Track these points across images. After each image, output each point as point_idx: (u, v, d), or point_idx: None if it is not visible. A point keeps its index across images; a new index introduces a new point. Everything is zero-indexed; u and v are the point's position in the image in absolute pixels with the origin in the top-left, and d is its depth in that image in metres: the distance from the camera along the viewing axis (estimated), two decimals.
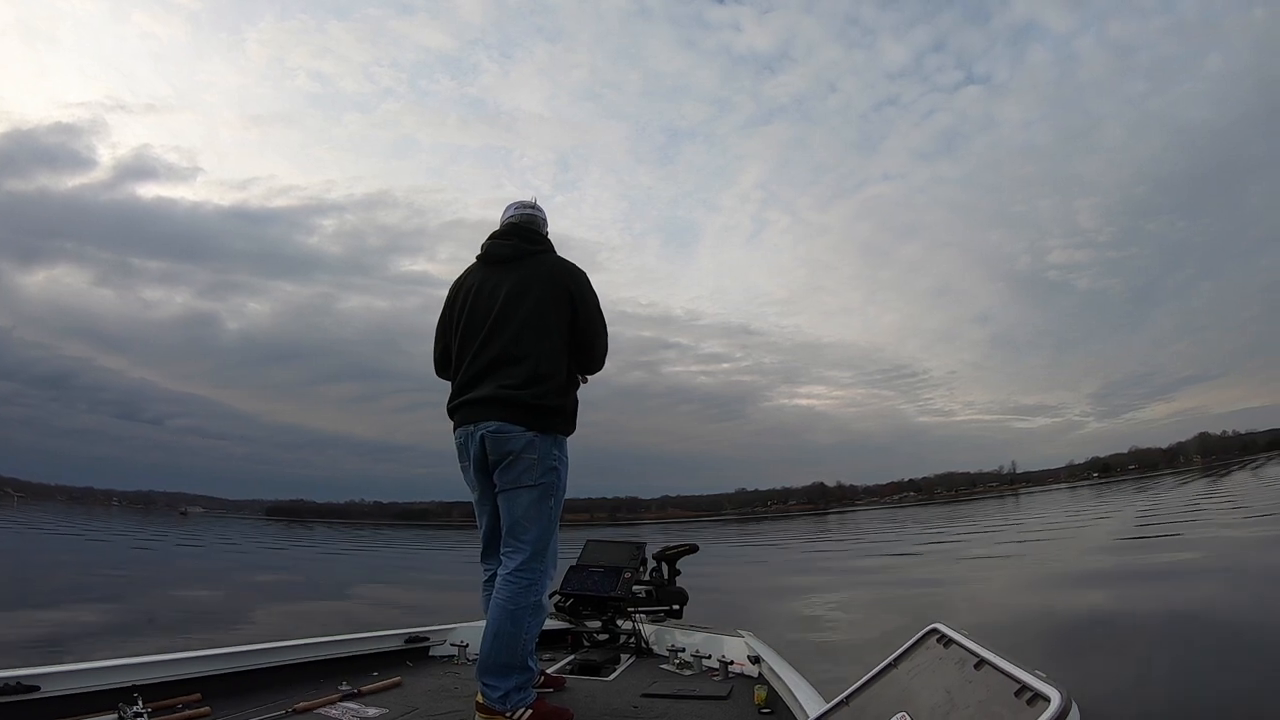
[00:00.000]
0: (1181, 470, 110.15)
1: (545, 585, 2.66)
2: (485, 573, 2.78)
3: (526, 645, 2.51)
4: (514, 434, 2.56)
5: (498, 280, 2.75)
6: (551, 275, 2.73)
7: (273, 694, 2.76)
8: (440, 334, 2.91)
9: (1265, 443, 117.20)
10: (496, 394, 2.59)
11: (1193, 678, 4.80)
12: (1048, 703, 1.17)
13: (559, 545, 2.79)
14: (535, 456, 2.57)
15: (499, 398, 2.59)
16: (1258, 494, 28.33)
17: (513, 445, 2.56)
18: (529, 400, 2.57)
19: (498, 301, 2.70)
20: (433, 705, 2.80)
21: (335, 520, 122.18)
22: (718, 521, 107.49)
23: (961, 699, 1.43)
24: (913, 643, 1.81)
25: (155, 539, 35.97)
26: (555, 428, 2.64)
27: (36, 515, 51.59)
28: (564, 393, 2.69)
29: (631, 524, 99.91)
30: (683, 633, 3.99)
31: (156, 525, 57.20)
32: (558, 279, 2.72)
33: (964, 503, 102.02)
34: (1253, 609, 6.79)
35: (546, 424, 2.60)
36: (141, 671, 2.54)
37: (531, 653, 2.56)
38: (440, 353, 2.90)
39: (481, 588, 2.78)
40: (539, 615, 2.60)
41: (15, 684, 2.23)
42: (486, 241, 2.90)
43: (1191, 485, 49.41)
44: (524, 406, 2.57)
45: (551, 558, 2.71)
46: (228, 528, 64.93)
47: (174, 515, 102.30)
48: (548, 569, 2.67)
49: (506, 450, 2.57)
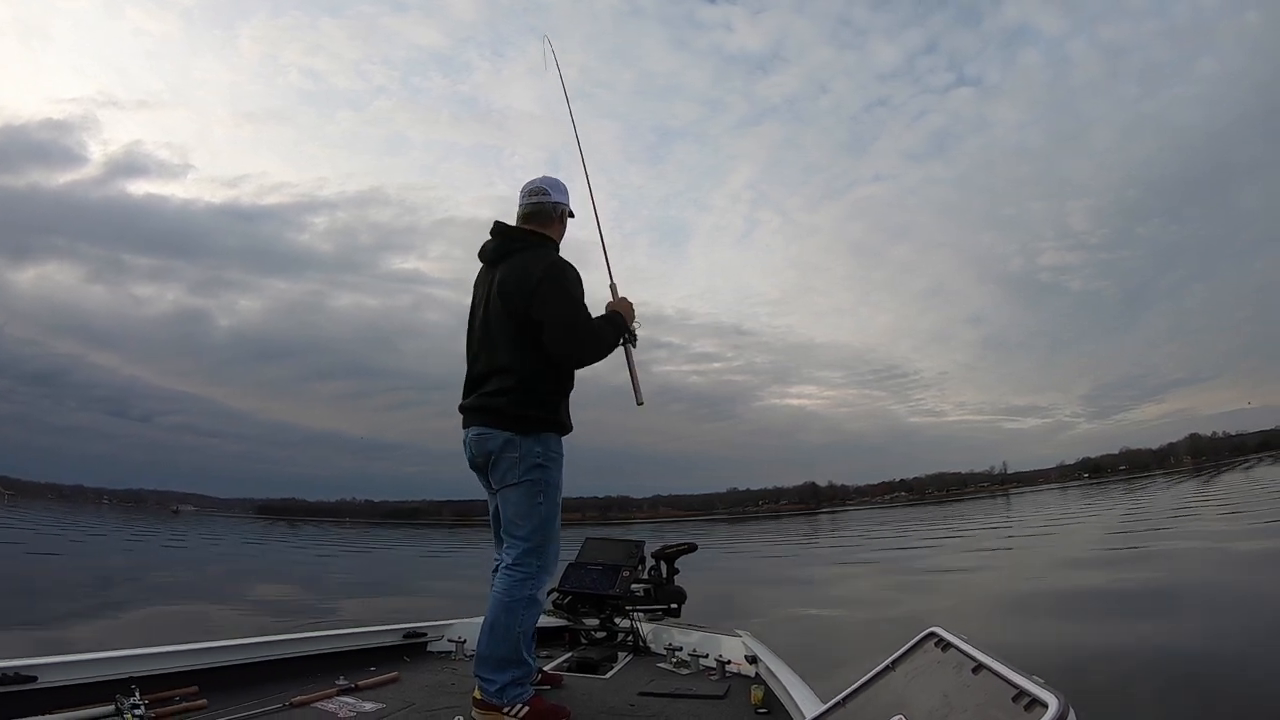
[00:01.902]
0: (1172, 471, 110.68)
1: (542, 581, 2.67)
2: (495, 562, 2.81)
3: (522, 639, 2.54)
4: (492, 435, 2.67)
5: (486, 283, 2.82)
6: (516, 277, 2.69)
7: (270, 687, 2.77)
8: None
9: (1256, 444, 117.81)
10: (478, 403, 2.74)
11: (1188, 680, 4.83)
12: (1045, 708, 1.18)
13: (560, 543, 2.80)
14: (516, 455, 2.64)
15: (479, 406, 2.73)
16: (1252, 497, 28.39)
17: (491, 445, 2.67)
18: (505, 406, 2.66)
19: (480, 309, 2.82)
20: (430, 700, 2.81)
21: (326, 519, 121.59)
22: (709, 520, 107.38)
23: (959, 703, 1.44)
24: (910, 645, 1.82)
25: (144, 536, 35.81)
26: (536, 428, 2.67)
27: (32, 515, 51.20)
28: (544, 400, 2.70)
29: (623, 523, 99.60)
30: (680, 632, 4.01)
31: (147, 523, 56.80)
32: (520, 281, 2.68)
33: (955, 502, 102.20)
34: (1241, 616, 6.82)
35: (525, 425, 2.65)
36: (139, 663, 2.56)
37: (529, 648, 2.59)
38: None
39: (491, 576, 2.79)
40: (533, 609, 2.62)
41: (13, 674, 2.23)
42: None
43: (1183, 485, 49.63)
44: (500, 412, 2.67)
45: (551, 555, 2.71)
46: (215, 525, 64.66)
47: (165, 514, 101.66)
48: (546, 565, 2.68)
49: (487, 450, 2.69)
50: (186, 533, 44.40)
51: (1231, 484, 42.41)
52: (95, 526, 42.91)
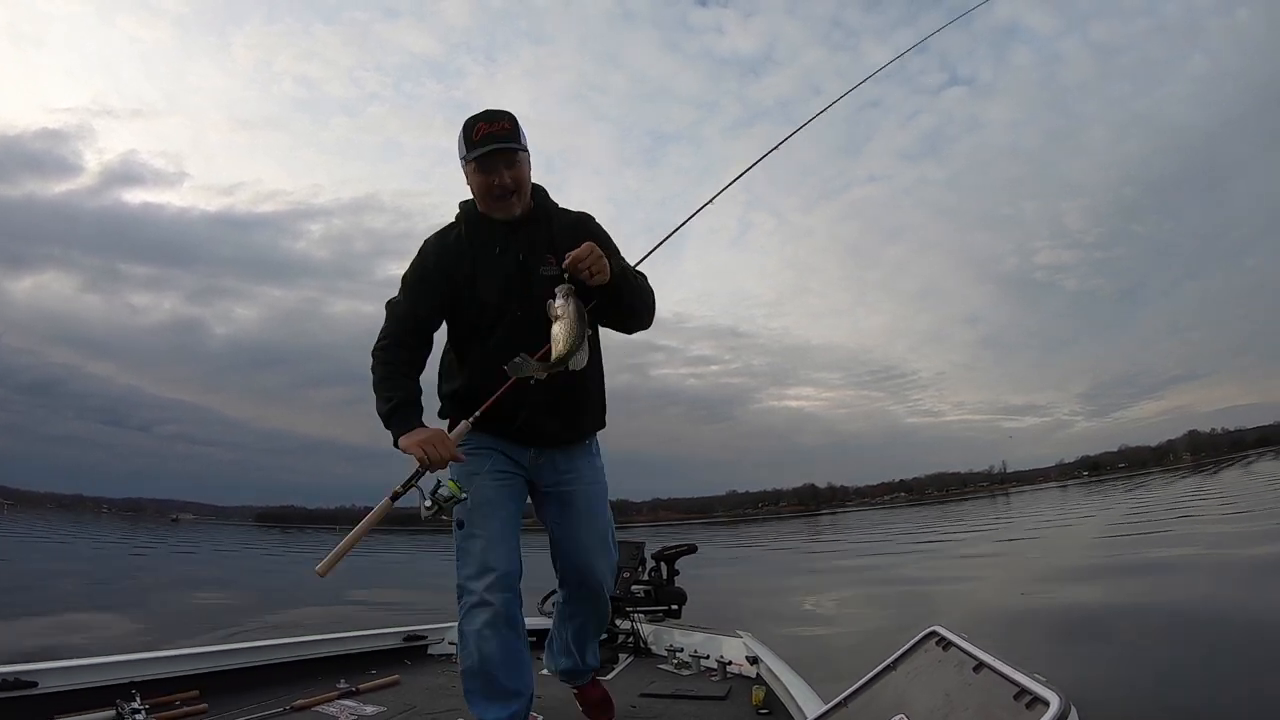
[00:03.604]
0: (1171, 468, 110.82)
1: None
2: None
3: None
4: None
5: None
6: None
7: (270, 691, 2.78)
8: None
9: (1254, 440, 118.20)
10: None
11: (1189, 676, 4.83)
12: (1047, 706, 1.18)
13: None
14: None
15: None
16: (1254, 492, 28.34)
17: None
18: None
19: None
20: (431, 703, 2.81)
21: (324, 526, 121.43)
22: (709, 524, 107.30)
23: (960, 701, 1.44)
24: (911, 645, 1.81)
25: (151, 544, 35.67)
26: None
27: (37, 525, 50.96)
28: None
29: (622, 527, 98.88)
30: (681, 633, 4.00)
31: (151, 532, 56.63)
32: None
33: (955, 502, 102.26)
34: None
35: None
36: (139, 668, 2.57)
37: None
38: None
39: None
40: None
41: (13, 679, 2.24)
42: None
43: (1185, 481, 49.65)
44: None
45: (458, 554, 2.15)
46: (218, 532, 64.41)
47: (165, 522, 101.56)
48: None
49: None
50: (198, 541, 44.13)
51: (1231, 480, 42.41)
52: (102, 535, 42.72)
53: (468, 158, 2.10)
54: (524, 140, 2.12)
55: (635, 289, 2.16)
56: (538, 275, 2.12)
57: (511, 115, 2.10)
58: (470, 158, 2.08)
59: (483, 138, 2.05)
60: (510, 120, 2.09)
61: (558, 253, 2.06)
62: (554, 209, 2.28)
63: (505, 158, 2.08)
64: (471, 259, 2.15)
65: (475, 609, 2.05)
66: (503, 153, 2.07)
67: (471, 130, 2.07)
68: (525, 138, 2.13)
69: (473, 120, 2.08)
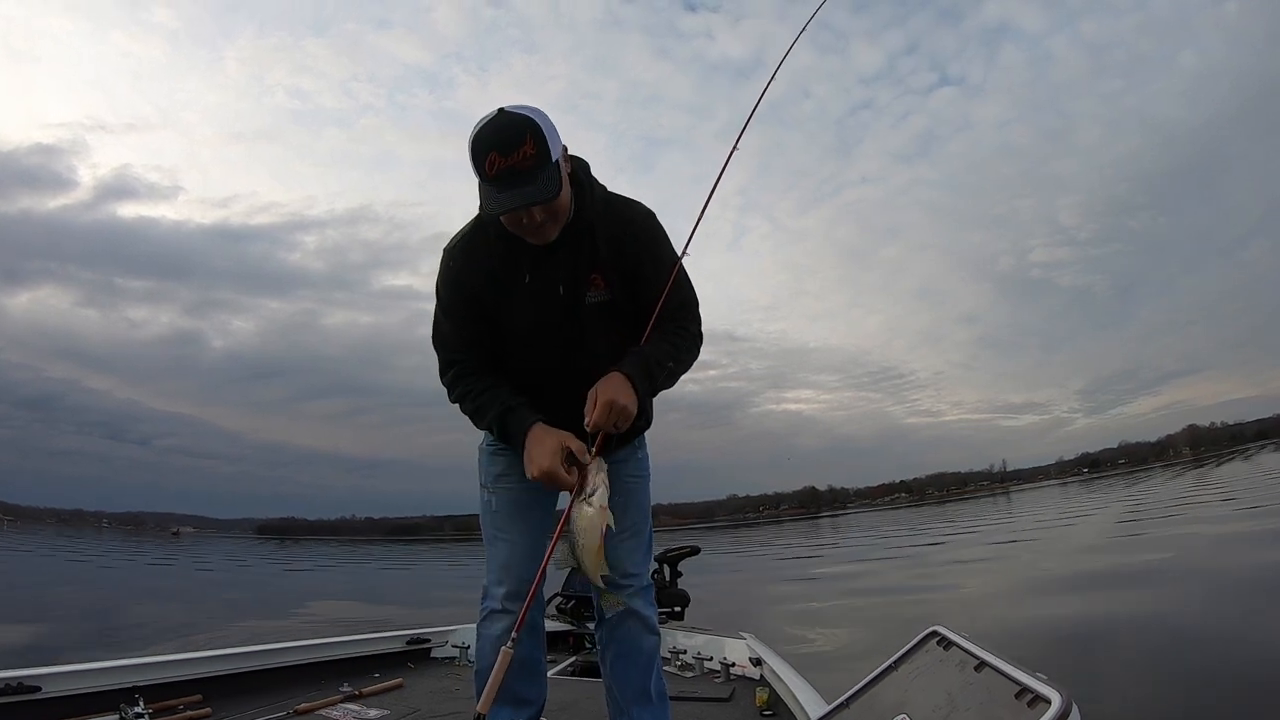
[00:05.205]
0: (1172, 463, 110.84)
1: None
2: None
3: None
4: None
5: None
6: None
7: (274, 695, 2.78)
8: None
9: (1253, 433, 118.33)
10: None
11: (1190, 676, 4.82)
12: (1049, 705, 1.19)
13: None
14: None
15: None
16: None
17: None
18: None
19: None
20: (434, 707, 2.81)
21: (329, 537, 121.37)
22: (709, 529, 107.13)
23: (962, 701, 1.45)
24: (913, 645, 1.83)
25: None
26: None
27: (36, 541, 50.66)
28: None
29: None
30: (684, 634, 4.00)
31: (154, 546, 56.40)
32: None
33: (955, 502, 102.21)
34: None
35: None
36: (143, 672, 2.57)
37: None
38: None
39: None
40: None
41: (17, 684, 2.26)
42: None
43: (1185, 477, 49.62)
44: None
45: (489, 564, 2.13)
46: (222, 545, 64.10)
47: (166, 535, 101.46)
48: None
49: None
50: (210, 556, 43.84)
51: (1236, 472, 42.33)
52: (114, 551, 42.46)
53: (483, 204, 1.71)
54: (554, 156, 1.65)
55: (670, 375, 1.93)
56: (583, 306, 1.86)
57: (531, 128, 1.61)
58: (488, 211, 1.70)
59: (499, 175, 1.60)
60: (533, 139, 1.60)
61: (604, 272, 1.84)
62: (598, 215, 1.85)
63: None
64: (501, 283, 1.85)
65: (493, 615, 1.99)
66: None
67: (483, 162, 1.60)
68: (554, 142, 1.66)
69: (482, 145, 1.60)
